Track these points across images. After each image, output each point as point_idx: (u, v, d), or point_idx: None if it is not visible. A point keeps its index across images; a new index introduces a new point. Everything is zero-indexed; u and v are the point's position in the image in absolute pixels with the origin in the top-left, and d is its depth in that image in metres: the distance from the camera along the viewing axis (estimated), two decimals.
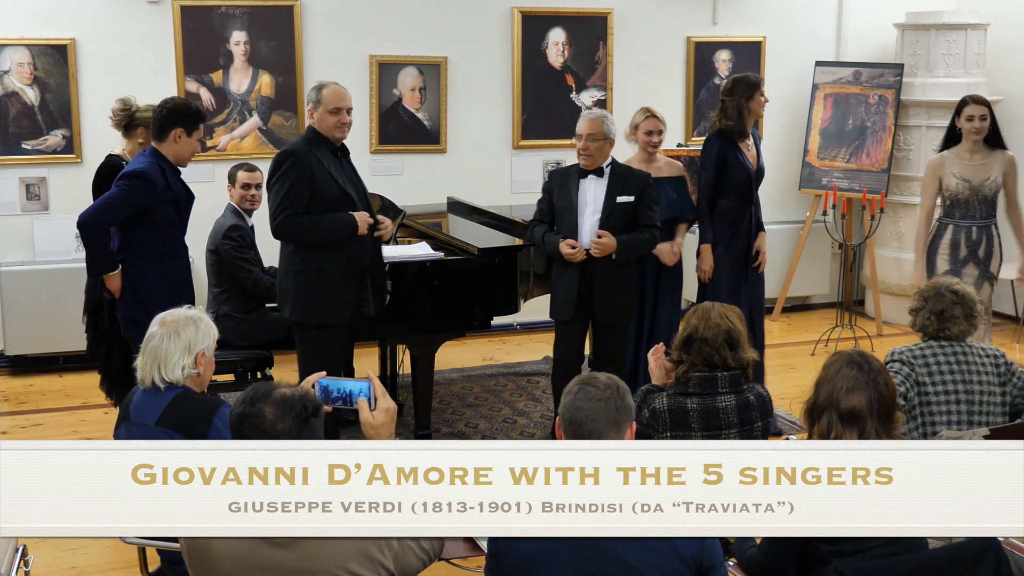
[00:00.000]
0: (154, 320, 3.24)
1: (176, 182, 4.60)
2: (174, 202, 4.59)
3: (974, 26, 7.53)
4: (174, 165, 4.59)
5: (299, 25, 6.87)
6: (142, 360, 3.20)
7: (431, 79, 7.15)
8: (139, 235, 4.56)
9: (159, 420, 3.13)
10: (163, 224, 4.57)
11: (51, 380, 6.47)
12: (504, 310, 5.33)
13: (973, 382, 3.66)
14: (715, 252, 5.49)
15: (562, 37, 7.46)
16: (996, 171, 5.44)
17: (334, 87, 4.51)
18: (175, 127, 4.52)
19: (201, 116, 4.64)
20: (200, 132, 4.62)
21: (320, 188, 4.46)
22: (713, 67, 7.88)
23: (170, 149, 4.55)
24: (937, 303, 3.74)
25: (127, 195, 4.48)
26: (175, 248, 4.66)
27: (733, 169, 5.42)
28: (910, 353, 3.73)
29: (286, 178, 4.44)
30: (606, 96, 7.59)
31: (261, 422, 2.41)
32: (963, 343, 3.74)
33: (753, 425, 3.39)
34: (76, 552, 4.31)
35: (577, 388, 2.55)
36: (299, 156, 4.46)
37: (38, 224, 6.58)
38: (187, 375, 3.17)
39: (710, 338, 3.34)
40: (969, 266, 5.50)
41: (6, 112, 6.44)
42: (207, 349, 3.23)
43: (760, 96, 5.49)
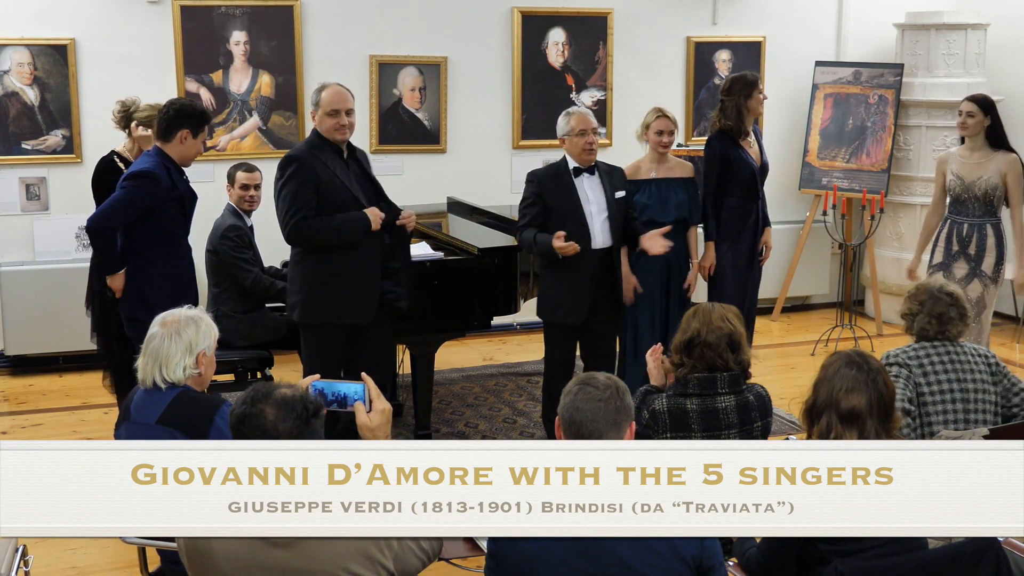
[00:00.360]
0: (155, 320, 3.23)
1: (181, 182, 4.61)
2: (179, 202, 4.60)
3: (974, 26, 7.53)
4: (179, 165, 4.60)
5: (299, 25, 6.87)
6: (143, 360, 3.20)
7: (431, 79, 7.15)
8: (143, 235, 4.57)
9: (160, 419, 3.13)
10: (167, 224, 4.58)
11: (51, 380, 6.47)
12: (504, 310, 5.33)
13: (967, 380, 3.66)
14: (721, 249, 5.55)
15: (562, 37, 7.46)
16: (991, 171, 5.45)
17: (334, 88, 4.47)
18: (181, 128, 4.52)
19: (206, 118, 4.67)
20: (205, 134, 4.63)
21: (327, 191, 4.42)
22: (713, 67, 7.88)
23: (175, 150, 4.56)
24: (936, 306, 3.72)
25: (133, 196, 4.50)
26: (179, 248, 4.67)
27: (736, 167, 5.49)
28: (905, 355, 3.72)
29: (291, 182, 4.41)
30: (606, 96, 7.59)
31: (262, 422, 2.41)
32: (956, 343, 3.74)
33: (753, 425, 3.39)
34: (76, 552, 4.31)
35: (577, 388, 2.55)
36: (302, 160, 4.44)
37: (38, 224, 6.58)
38: (188, 375, 3.17)
39: (713, 342, 3.34)
40: (960, 261, 5.58)
41: (6, 112, 6.44)
42: (208, 349, 3.23)
43: (759, 94, 5.53)
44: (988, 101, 5.51)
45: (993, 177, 5.44)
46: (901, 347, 3.79)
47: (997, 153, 5.47)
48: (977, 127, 5.44)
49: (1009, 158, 5.46)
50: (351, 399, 2.71)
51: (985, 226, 5.53)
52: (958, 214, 5.58)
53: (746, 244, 5.59)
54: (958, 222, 5.59)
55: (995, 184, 5.44)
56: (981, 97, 5.53)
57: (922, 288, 3.79)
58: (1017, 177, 5.43)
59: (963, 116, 5.46)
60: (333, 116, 4.42)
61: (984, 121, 5.44)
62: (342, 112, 4.42)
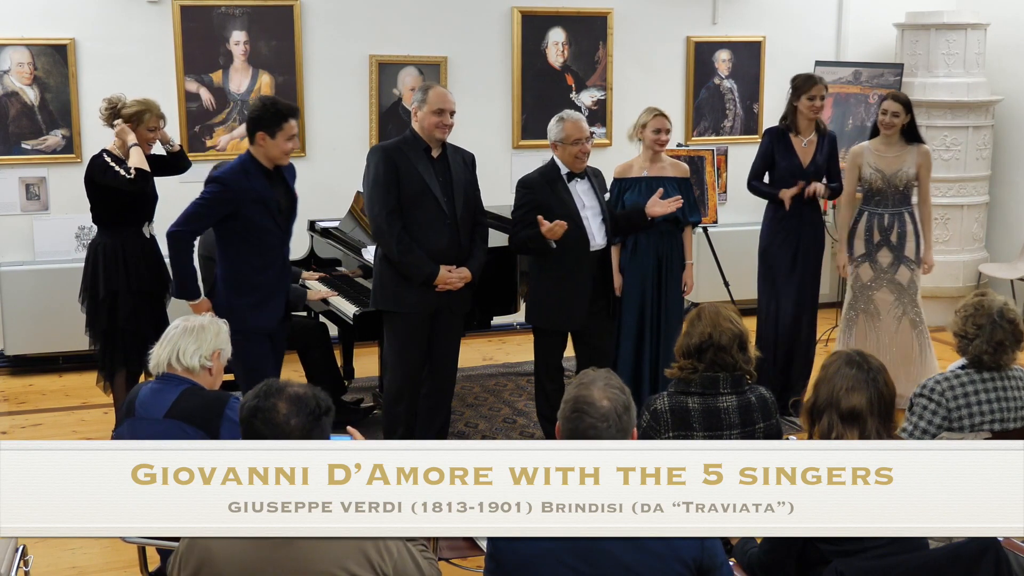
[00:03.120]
0: (178, 319, 3.34)
1: (261, 184, 4.37)
2: (261, 204, 4.36)
3: (974, 26, 7.53)
4: (266, 167, 4.40)
5: (299, 25, 6.87)
6: (159, 349, 3.28)
7: (431, 79, 7.13)
8: (228, 239, 4.40)
9: (168, 413, 3.16)
10: (253, 229, 4.38)
11: (51, 380, 6.47)
12: (503, 310, 5.33)
13: (1009, 420, 3.58)
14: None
15: (562, 37, 7.46)
16: (909, 163, 5.65)
17: (441, 89, 4.66)
18: (256, 131, 4.36)
19: (281, 114, 4.36)
20: (286, 129, 4.35)
21: (403, 183, 4.54)
22: (713, 67, 7.88)
23: (258, 152, 4.39)
24: (995, 333, 3.59)
25: (207, 200, 4.35)
26: (265, 256, 4.43)
27: (779, 162, 5.68)
28: (947, 384, 3.60)
29: (369, 173, 4.60)
30: (606, 96, 7.59)
31: (275, 416, 2.41)
32: (1005, 372, 3.62)
33: (755, 426, 3.38)
34: (76, 552, 4.30)
35: (575, 416, 2.47)
36: (386, 150, 4.62)
37: (38, 224, 6.58)
38: (202, 365, 3.26)
39: (725, 344, 3.32)
40: (883, 250, 5.74)
41: (6, 112, 6.44)
42: (224, 352, 3.31)
43: (807, 99, 5.61)
44: (908, 101, 5.71)
45: (911, 169, 5.65)
46: (944, 375, 3.66)
47: (911, 146, 5.67)
48: (900, 125, 5.64)
49: (922, 150, 5.68)
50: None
51: (904, 214, 5.72)
52: (876, 206, 5.73)
53: (790, 243, 5.71)
54: (877, 213, 5.73)
55: (912, 175, 5.67)
56: (905, 97, 5.73)
57: (982, 311, 3.63)
58: (929, 168, 5.69)
59: (888, 116, 5.62)
60: (438, 115, 4.57)
61: (905, 119, 5.63)
62: (447, 112, 4.59)
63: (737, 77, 7.97)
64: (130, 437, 3.26)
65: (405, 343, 4.69)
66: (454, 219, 4.62)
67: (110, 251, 5.10)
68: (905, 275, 5.74)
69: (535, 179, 4.91)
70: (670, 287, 5.29)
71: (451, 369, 4.92)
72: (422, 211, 4.57)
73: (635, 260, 5.19)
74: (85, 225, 6.59)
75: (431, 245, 4.58)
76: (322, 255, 6.10)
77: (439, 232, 4.59)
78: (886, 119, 5.62)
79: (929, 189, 5.76)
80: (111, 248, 5.10)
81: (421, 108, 4.60)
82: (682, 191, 5.34)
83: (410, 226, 4.56)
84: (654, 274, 5.26)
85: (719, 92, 7.94)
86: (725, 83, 7.95)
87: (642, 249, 5.19)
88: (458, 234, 4.64)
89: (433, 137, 4.61)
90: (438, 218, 4.58)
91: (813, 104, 5.60)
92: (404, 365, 4.70)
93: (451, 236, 4.62)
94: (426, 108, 4.58)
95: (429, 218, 4.57)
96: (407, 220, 4.56)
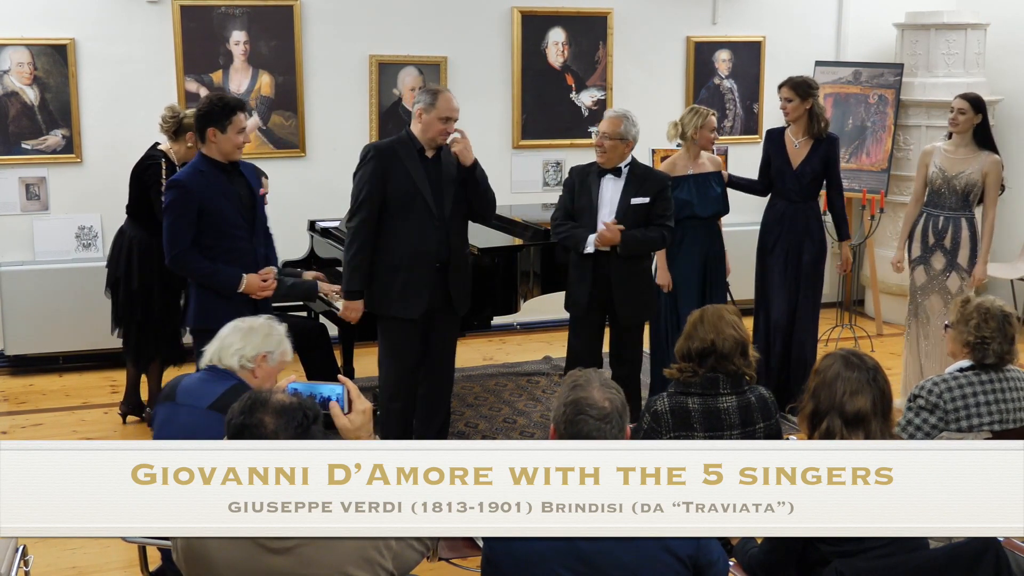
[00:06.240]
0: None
1: (220, 180, 4.40)
2: (222, 198, 4.40)
3: (974, 26, 7.53)
4: (222, 164, 4.43)
5: (299, 25, 6.87)
6: (210, 345, 3.33)
7: (431, 79, 7.14)
8: (195, 240, 4.41)
9: (212, 404, 3.17)
10: (217, 227, 4.40)
11: (51, 380, 6.47)
12: (504, 310, 5.33)
13: (1009, 420, 3.57)
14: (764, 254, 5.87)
15: (562, 37, 7.46)
16: (974, 168, 5.52)
17: (449, 95, 4.60)
18: (207, 127, 4.40)
19: (228, 108, 4.42)
20: (235, 122, 4.39)
21: (392, 185, 4.54)
22: (713, 67, 7.88)
23: (211, 150, 4.43)
24: (1009, 328, 3.60)
25: (173, 207, 4.38)
26: (232, 253, 4.45)
27: (772, 162, 5.75)
28: (945, 386, 3.59)
29: (359, 172, 4.60)
30: (606, 96, 7.59)
31: (262, 432, 2.37)
32: (1006, 371, 3.61)
33: (755, 427, 3.38)
34: (76, 552, 4.30)
35: (576, 414, 2.47)
36: (379, 150, 4.60)
37: (38, 224, 6.58)
38: (242, 366, 3.26)
39: (728, 351, 3.34)
40: (937, 254, 5.67)
41: (6, 112, 6.44)
42: (271, 357, 3.30)
43: (783, 100, 5.68)
44: (980, 100, 5.57)
45: (975, 174, 5.52)
46: (942, 376, 3.64)
47: (982, 152, 5.55)
48: (967, 124, 5.51)
49: (992, 159, 5.54)
50: (330, 400, 2.64)
51: (960, 219, 5.62)
52: (934, 207, 5.65)
53: (788, 243, 5.72)
54: (933, 215, 5.66)
55: (975, 181, 5.53)
56: (974, 96, 5.59)
57: (989, 314, 3.62)
58: (996, 178, 5.54)
59: (954, 113, 5.54)
60: (444, 122, 4.56)
61: (974, 119, 5.50)
62: (452, 121, 4.59)
63: (737, 77, 7.97)
64: (165, 421, 3.29)
65: (396, 344, 4.70)
66: (443, 219, 4.61)
67: (144, 246, 5.32)
68: (955, 283, 5.63)
69: (578, 168, 5.14)
70: (714, 278, 5.53)
71: (448, 369, 4.93)
72: (411, 212, 4.56)
73: (683, 255, 5.42)
74: (85, 225, 6.60)
75: (419, 246, 4.56)
76: (322, 255, 6.10)
77: (427, 233, 4.58)
78: (951, 116, 5.54)
79: (994, 200, 5.58)
80: (146, 243, 5.31)
81: (428, 112, 4.56)
82: (721, 183, 5.60)
83: (398, 227, 4.56)
84: (700, 268, 5.48)
85: (719, 92, 7.94)
86: (725, 83, 7.95)
87: (688, 245, 5.42)
88: (447, 235, 4.63)
89: (434, 141, 4.60)
90: (427, 219, 4.57)
91: (782, 106, 5.66)
92: (396, 365, 4.71)
93: (439, 237, 4.61)
94: (434, 114, 4.55)
95: (417, 219, 4.57)
96: (395, 221, 4.55)
